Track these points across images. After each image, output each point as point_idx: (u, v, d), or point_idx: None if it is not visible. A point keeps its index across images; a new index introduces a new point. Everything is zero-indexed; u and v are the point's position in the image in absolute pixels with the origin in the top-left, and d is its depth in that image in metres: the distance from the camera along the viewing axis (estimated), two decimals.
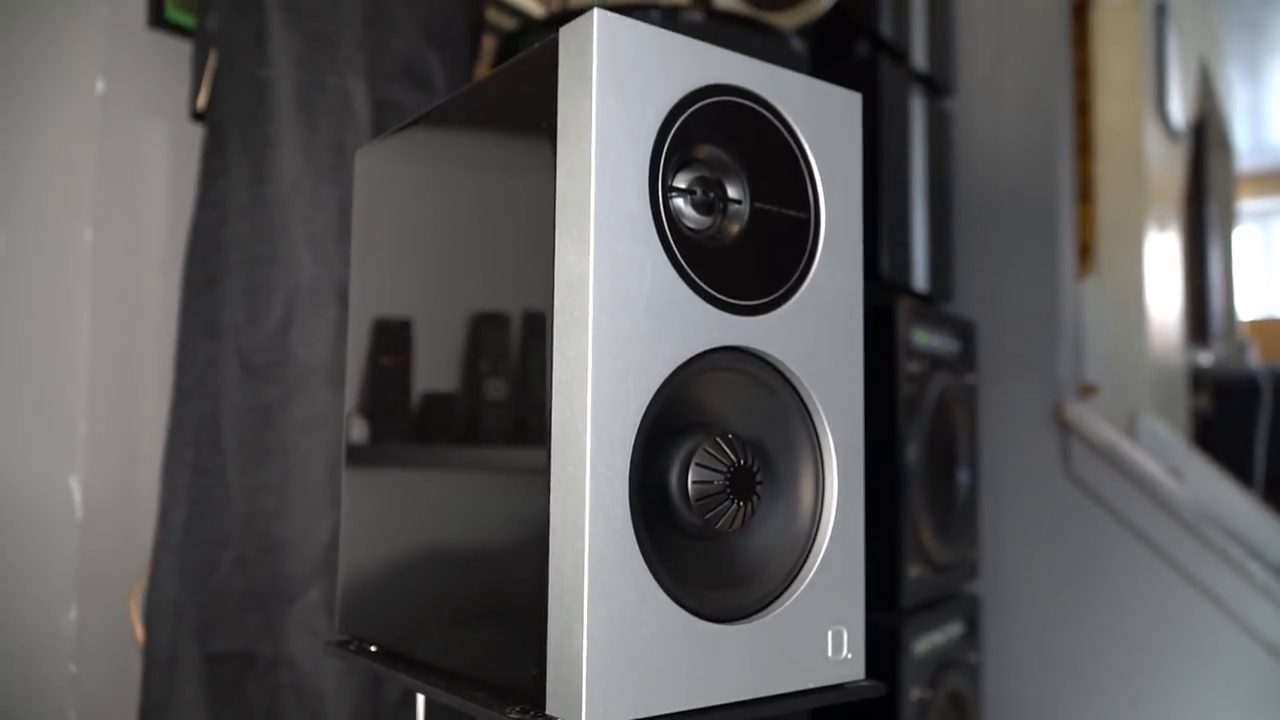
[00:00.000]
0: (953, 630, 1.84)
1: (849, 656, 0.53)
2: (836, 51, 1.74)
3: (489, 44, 1.47)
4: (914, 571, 1.69)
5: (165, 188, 1.30)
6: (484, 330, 0.54)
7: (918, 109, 1.82)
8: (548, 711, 0.46)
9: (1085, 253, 2.80)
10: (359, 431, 0.65)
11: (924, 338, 1.73)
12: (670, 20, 1.36)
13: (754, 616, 0.50)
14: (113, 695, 1.21)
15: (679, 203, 0.49)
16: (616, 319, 0.46)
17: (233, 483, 1.00)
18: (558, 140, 0.48)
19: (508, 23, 1.79)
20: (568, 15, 1.40)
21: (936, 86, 1.91)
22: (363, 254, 0.67)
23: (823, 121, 0.54)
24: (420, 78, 1.08)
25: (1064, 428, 1.98)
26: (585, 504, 0.45)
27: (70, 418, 1.22)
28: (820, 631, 0.52)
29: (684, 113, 0.50)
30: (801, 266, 0.53)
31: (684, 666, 0.47)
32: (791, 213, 0.53)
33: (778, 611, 0.51)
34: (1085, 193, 2.79)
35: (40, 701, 1.19)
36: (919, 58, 1.85)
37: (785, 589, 0.52)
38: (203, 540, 1.01)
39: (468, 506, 0.55)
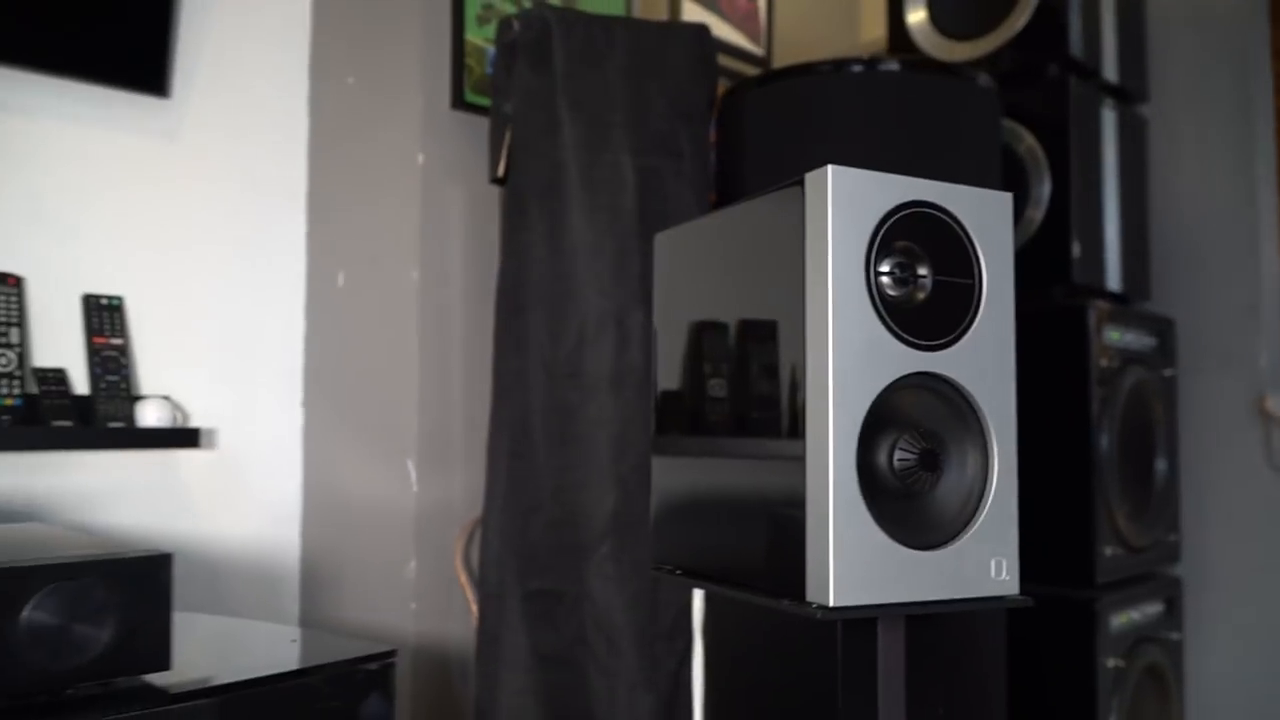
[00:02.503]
0: (1151, 608, 2.03)
1: (1007, 578, 0.82)
2: (1027, 75, 1.96)
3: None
4: (1109, 551, 1.90)
5: (464, 236, 1.71)
6: (753, 354, 0.87)
7: (1109, 119, 2.01)
8: (807, 599, 0.78)
9: None
10: (664, 424, 1.00)
11: (1116, 335, 1.93)
12: (871, 69, 1.63)
13: (939, 548, 0.80)
14: (441, 625, 1.64)
15: (884, 280, 0.80)
16: (846, 358, 0.77)
17: (542, 465, 1.39)
18: (805, 242, 0.80)
19: (732, 62, 2.12)
20: (777, 75, 1.70)
21: (1128, 95, 2.08)
22: (663, 301, 1.01)
23: (982, 216, 0.83)
24: (671, 148, 1.42)
25: (1266, 418, 2.11)
26: (830, 477, 0.77)
27: (408, 414, 1.65)
28: (986, 560, 0.82)
29: (887, 222, 0.80)
30: (969, 316, 0.82)
31: (892, 576, 0.78)
32: (961, 281, 0.82)
33: (956, 545, 0.81)
34: None
35: (389, 631, 1.63)
36: (1109, 71, 2.03)
37: (961, 530, 0.81)
38: (519, 507, 1.40)
39: (747, 476, 0.87)
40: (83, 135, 1.62)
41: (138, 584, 0.96)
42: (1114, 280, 2.03)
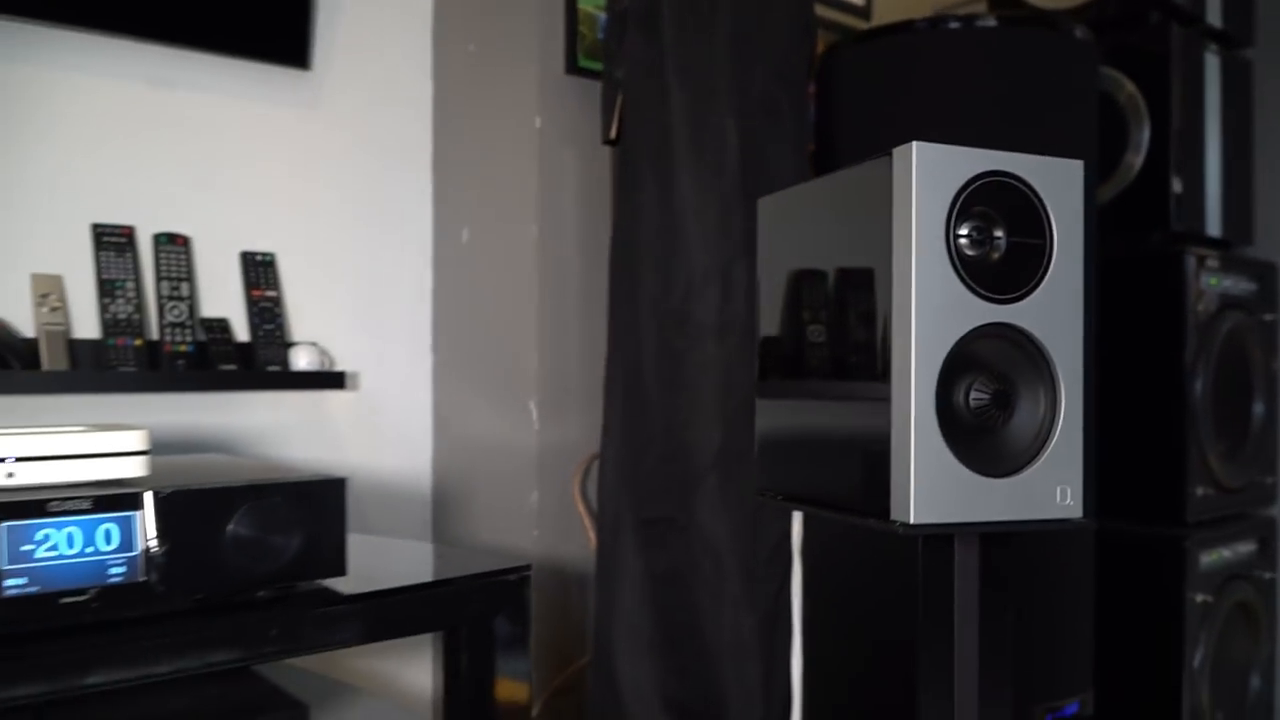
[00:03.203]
0: (1243, 547, 2.10)
1: (1071, 504, 0.94)
2: (1129, 21, 1.99)
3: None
4: (1200, 491, 1.97)
5: (579, 194, 1.86)
6: (846, 305, 1.00)
7: (1212, 64, 2.04)
8: (892, 517, 0.91)
9: None
10: (766, 369, 1.14)
11: (1214, 280, 1.98)
12: (968, 26, 1.71)
13: (1010, 476, 0.93)
14: (561, 550, 1.82)
15: (962, 242, 0.92)
16: (927, 312, 0.90)
17: (653, 405, 1.54)
18: (893, 209, 0.92)
19: (832, 13, 2.20)
20: (875, 33, 1.78)
21: (1232, 39, 2.10)
22: (765, 259, 1.15)
23: (1053, 182, 0.94)
24: (772, 110, 1.54)
25: None
26: (911, 413, 0.90)
27: (528, 359, 1.82)
28: (1052, 488, 0.94)
29: (966, 190, 0.91)
30: (1040, 273, 0.94)
31: (967, 499, 0.91)
32: (1033, 241, 0.93)
33: (1025, 474, 0.93)
34: None
35: (514, 553, 1.82)
36: (1213, 15, 2.05)
37: (1030, 461, 0.94)
38: (632, 443, 1.56)
39: (840, 414, 1.01)
40: (239, 108, 1.82)
41: (320, 502, 1.16)
42: (1214, 225, 2.06)
